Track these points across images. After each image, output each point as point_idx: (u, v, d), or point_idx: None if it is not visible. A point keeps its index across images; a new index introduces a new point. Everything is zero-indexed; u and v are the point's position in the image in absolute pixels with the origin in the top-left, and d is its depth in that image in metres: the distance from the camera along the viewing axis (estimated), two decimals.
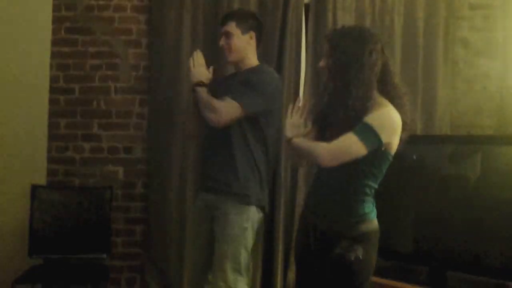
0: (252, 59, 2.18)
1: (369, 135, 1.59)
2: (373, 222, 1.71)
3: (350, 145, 1.59)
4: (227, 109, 2.01)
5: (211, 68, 2.16)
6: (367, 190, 1.69)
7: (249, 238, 2.07)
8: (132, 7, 2.96)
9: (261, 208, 2.13)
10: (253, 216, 2.08)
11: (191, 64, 2.14)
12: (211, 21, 2.83)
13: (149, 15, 2.94)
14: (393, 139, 1.65)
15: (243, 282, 2.06)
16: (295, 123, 1.78)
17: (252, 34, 2.16)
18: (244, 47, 2.14)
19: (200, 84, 2.08)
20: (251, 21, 2.17)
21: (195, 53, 2.17)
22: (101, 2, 2.94)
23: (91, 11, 2.94)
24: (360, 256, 1.64)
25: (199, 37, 2.86)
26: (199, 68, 2.13)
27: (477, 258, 2.20)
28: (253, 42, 2.17)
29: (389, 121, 1.63)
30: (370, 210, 1.70)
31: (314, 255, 1.74)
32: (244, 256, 2.05)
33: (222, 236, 2.05)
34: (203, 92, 2.07)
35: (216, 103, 2.03)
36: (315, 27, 2.86)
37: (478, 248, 2.20)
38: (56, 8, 2.94)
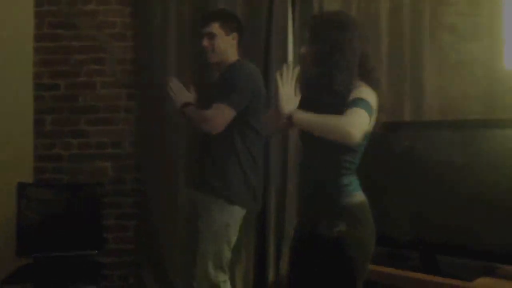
0: (231, 58, 2.19)
1: (368, 106, 1.58)
2: (355, 196, 1.67)
3: (362, 116, 1.55)
4: (219, 114, 2.04)
5: (192, 92, 2.19)
6: (346, 165, 1.67)
7: (232, 234, 2.10)
8: None
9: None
10: (236, 213, 2.10)
11: (171, 93, 2.15)
12: (198, 11, 2.79)
13: (133, 7, 2.89)
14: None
15: (224, 277, 2.09)
16: (289, 95, 1.60)
17: (235, 35, 2.19)
18: (227, 48, 2.17)
19: (187, 104, 2.10)
20: (234, 23, 2.20)
21: (170, 82, 2.18)
22: None
23: (74, 5, 2.89)
24: (343, 231, 1.60)
25: (185, 27, 2.83)
26: (180, 92, 2.14)
27: (467, 241, 2.22)
28: (235, 43, 2.20)
29: (369, 97, 1.62)
30: (349, 182, 1.67)
31: (305, 242, 1.72)
32: (226, 252, 2.09)
33: (205, 233, 2.07)
34: (191, 110, 2.10)
35: (207, 113, 2.05)
36: (301, 14, 2.84)
37: (468, 232, 2.21)
38: (38, 2, 2.88)
